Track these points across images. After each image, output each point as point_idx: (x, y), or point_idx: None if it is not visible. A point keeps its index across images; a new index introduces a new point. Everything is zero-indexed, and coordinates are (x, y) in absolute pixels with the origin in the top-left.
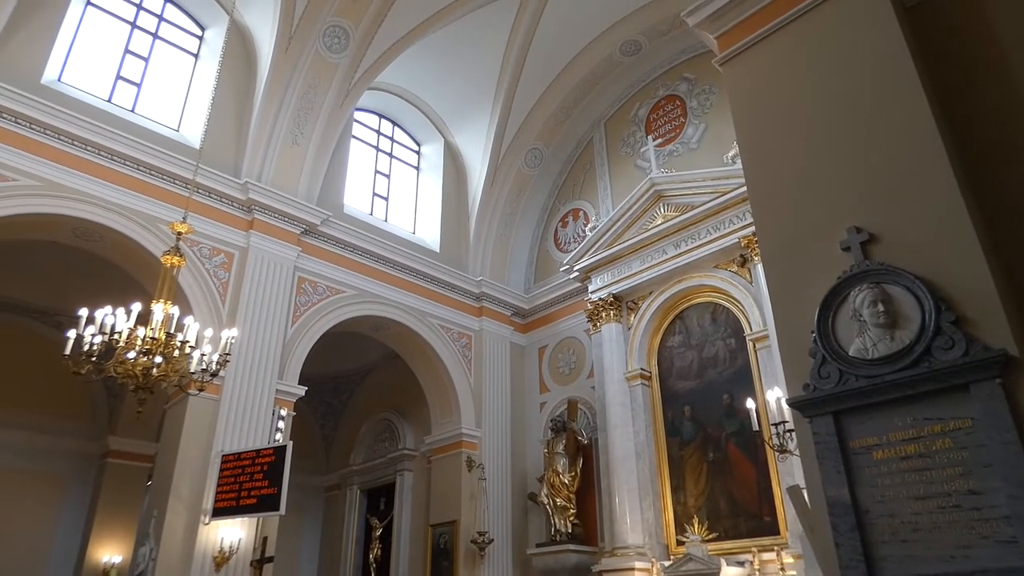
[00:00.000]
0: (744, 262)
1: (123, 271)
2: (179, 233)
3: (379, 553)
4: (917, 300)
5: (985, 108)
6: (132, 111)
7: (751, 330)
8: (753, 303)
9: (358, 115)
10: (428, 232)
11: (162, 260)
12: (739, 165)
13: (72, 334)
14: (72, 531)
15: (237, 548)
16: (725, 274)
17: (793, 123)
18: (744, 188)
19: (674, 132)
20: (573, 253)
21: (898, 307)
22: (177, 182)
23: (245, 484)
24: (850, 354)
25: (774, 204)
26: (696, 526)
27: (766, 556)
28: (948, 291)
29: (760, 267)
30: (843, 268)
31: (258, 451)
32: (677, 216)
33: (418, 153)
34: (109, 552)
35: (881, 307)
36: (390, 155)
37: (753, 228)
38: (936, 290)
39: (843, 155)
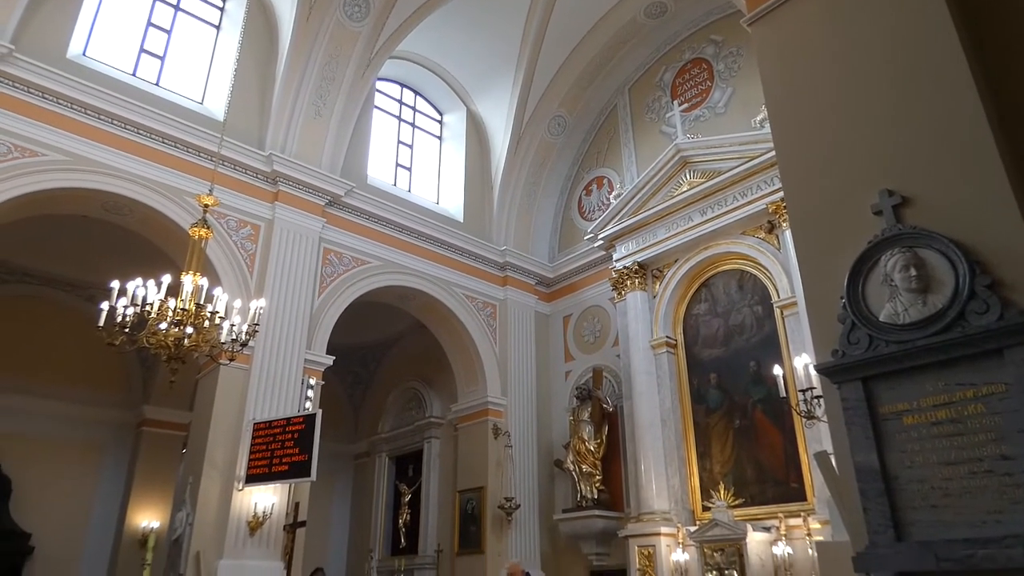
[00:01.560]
0: (772, 228)
1: (152, 244)
2: (206, 205)
3: (408, 518)
4: (951, 264)
5: None
6: (156, 84)
7: (779, 297)
8: (781, 270)
9: (380, 85)
10: (452, 202)
11: (190, 232)
12: (767, 129)
13: (105, 306)
14: (112, 497)
15: (271, 513)
16: (752, 241)
17: (824, 83)
18: (772, 152)
19: (701, 96)
20: (597, 221)
21: (931, 271)
22: (202, 155)
23: (277, 451)
24: (881, 319)
25: (803, 167)
26: (722, 492)
27: (793, 522)
28: (983, 254)
29: (788, 233)
30: (874, 232)
31: (288, 419)
32: (703, 182)
33: (440, 122)
34: (148, 517)
35: (913, 271)
36: (412, 125)
37: (781, 193)
38: (971, 253)
39: (876, 115)
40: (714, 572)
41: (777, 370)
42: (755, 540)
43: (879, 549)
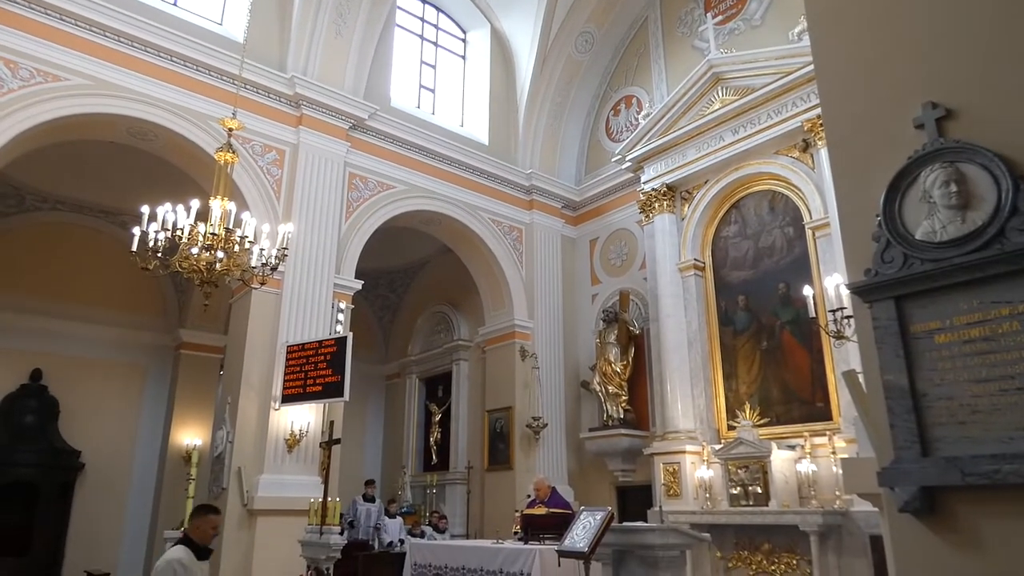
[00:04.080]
0: (807, 147)
1: (179, 169)
2: (230, 129)
3: (439, 436)
4: (994, 179)
5: None
6: (174, 4)
7: (811, 218)
8: (814, 190)
9: (401, 1)
10: (476, 125)
11: (216, 157)
12: (805, 42)
13: (137, 231)
14: (156, 416)
15: (307, 431)
16: (786, 160)
17: None
18: (810, 67)
19: (736, 7)
20: (625, 142)
21: (972, 187)
22: (224, 78)
23: (310, 373)
24: (917, 237)
25: (843, 78)
26: (748, 412)
27: (817, 440)
28: None
29: (824, 152)
30: (915, 147)
31: (320, 342)
32: (736, 100)
33: (464, 41)
34: (191, 435)
35: (954, 187)
36: (435, 44)
37: (818, 110)
38: (1016, 168)
39: (923, 24)
40: (738, 488)
41: (807, 291)
42: (780, 458)
43: (904, 464)
